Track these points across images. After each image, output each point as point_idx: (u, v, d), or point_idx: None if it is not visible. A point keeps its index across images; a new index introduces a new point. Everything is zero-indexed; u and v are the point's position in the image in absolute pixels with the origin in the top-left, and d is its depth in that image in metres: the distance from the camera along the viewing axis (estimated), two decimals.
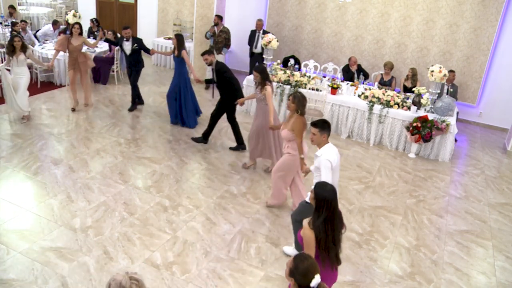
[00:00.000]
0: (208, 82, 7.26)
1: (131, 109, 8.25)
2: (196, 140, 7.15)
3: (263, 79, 5.86)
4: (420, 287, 4.41)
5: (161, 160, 6.47)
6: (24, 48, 7.04)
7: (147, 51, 7.94)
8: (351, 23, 9.91)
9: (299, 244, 4.28)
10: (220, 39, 9.53)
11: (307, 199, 4.20)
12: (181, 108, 7.64)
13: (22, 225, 4.73)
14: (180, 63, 7.39)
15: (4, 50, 8.58)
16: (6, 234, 4.57)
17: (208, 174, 6.20)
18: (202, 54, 6.58)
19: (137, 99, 8.39)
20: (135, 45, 7.82)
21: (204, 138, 7.09)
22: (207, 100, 9.19)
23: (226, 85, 6.54)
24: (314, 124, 4.04)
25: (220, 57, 9.67)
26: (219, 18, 9.53)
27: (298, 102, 4.89)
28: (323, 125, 4.01)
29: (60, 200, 5.23)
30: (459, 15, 8.93)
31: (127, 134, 7.25)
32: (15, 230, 4.63)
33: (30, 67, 8.13)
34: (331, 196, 3.06)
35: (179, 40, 7.23)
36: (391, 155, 7.48)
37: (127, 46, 7.84)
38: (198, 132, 7.44)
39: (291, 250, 4.67)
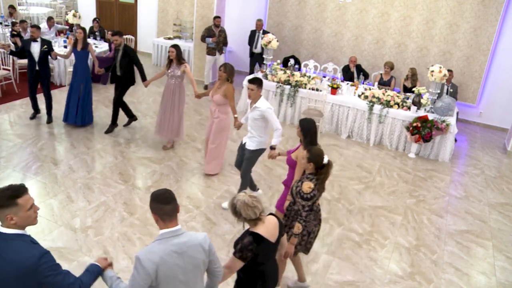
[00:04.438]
0: (108, 69, 7.18)
1: (49, 121, 7.44)
2: (108, 131, 7.23)
3: (178, 55, 6.29)
4: (420, 287, 4.41)
5: (161, 160, 6.47)
6: None
7: (51, 54, 7.16)
8: (351, 23, 9.91)
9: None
10: (220, 39, 9.57)
11: (251, 147, 4.98)
12: (82, 105, 7.21)
13: None
14: (83, 57, 7.06)
15: (3, 50, 8.58)
16: None
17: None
18: (113, 35, 6.84)
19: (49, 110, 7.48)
20: (45, 46, 6.98)
21: (113, 122, 7.32)
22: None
23: (128, 67, 6.97)
24: (251, 81, 4.76)
25: (222, 57, 9.73)
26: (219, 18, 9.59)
27: (229, 71, 5.52)
28: (259, 82, 4.78)
29: (60, 200, 5.24)
30: (459, 15, 8.93)
31: (127, 134, 7.25)
32: None
33: None
34: (313, 125, 4.01)
35: (85, 33, 7.08)
36: (391, 155, 7.48)
37: (36, 49, 6.90)
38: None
39: None
